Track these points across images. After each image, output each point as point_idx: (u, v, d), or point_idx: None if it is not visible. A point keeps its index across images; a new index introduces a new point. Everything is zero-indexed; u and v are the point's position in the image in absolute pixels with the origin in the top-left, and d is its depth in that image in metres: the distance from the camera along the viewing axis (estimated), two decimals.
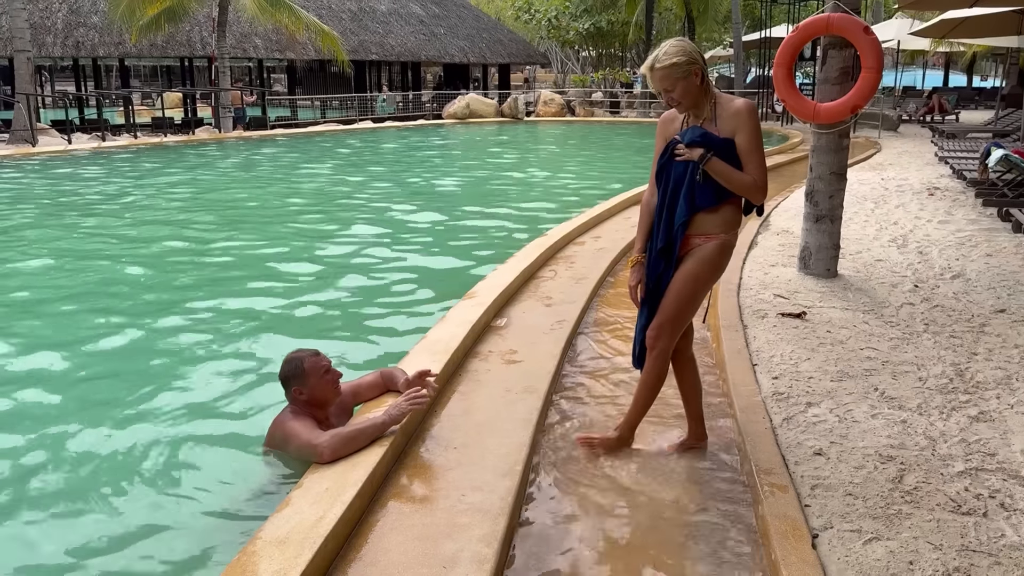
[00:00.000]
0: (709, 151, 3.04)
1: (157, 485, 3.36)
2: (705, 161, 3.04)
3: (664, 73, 3.03)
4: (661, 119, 3.34)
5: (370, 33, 29.01)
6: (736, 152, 3.07)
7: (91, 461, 3.59)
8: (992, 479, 3.06)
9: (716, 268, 3.20)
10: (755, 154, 3.07)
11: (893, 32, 22.32)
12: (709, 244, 3.15)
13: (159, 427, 3.91)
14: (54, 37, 22.05)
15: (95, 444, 3.75)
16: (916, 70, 41.87)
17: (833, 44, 5.90)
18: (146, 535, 3.00)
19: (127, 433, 3.85)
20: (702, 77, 3.06)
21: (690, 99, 3.09)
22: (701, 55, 3.09)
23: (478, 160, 16.83)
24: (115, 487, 3.35)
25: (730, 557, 2.72)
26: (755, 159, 3.07)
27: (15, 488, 3.37)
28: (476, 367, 4.23)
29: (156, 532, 3.02)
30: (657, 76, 3.06)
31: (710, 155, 3.04)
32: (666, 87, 3.06)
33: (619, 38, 35.60)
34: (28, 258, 7.53)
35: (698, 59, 3.05)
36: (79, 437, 3.83)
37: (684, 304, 3.18)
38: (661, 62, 3.03)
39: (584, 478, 3.23)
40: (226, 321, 5.64)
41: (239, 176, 14.05)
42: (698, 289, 3.19)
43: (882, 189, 10.94)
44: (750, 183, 3.07)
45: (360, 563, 2.53)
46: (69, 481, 3.43)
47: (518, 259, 6.33)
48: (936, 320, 5.08)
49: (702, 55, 3.10)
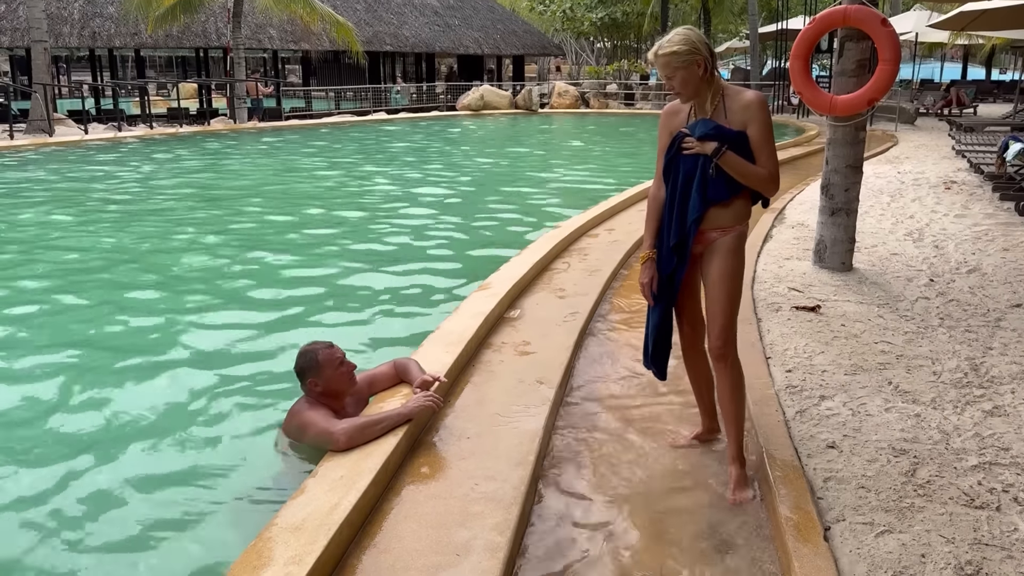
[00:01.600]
0: (724, 145, 2.98)
1: (174, 472, 3.40)
2: (719, 155, 2.98)
3: (664, 61, 2.99)
4: (664, 112, 3.26)
5: (384, 24, 29.02)
6: (748, 145, 3.02)
7: (108, 446, 3.63)
8: (1006, 473, 3.05)
9: (742, 257, 3.17)
10: (767, 146, 3.02)
11: (911, 24, 22.09)
12: (728, 236, 3.11)
13: (176, 416, 3.96)
14: (71, 27, 22.17)
15: (112, 430, 3.80)
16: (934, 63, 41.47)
17: (850, 36, 5.86)
18: (163, 522, 3.04)
19: (144, 420, 3.90)
20: (706, 68, 2.99)
21: (689, 89, 3.02)
22: (708, 46, 3.01)
23: (492, 152, 16.82)
24: (132, 473, 3.39)
25: (743, 549, 2.73)
26: (767, 151, 3.02)
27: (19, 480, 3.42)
28: (490, 358, 4.25)
29: (173, 519, 3.06)
30: (659, 63, 3.01)
31: (725, 149, 2.98)
32: (667, 74, 3.01)
33: (634, 29, 35.46)
34: (49, 244, 7.61)
35: (702, 49, 2.97)
36: (96, 423, 3.88)
37: (734, 303, 3.13)
38: (663, 49, 2.99)
39: (597, 468, 3.25)
40: (237, 311, 5.68)
41: (253, 166, 14.11)
42: (738, 283, 3.15)
43: (898, 183, 10.87)
44: (765, 176, 3.02)
45: (374, 550, 2.56)
46: (86, 465, 3.47)
47: (532, 251, 6.34)
48: (951, 314, 5.05)
49: (709, 46, 3.03)
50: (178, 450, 3.60)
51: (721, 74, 3.16)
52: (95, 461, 3.51)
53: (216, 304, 5.85)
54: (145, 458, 3.52)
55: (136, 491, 3.26)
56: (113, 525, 3.03)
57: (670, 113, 3.22)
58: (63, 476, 3.38)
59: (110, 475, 3.38)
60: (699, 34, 3.03)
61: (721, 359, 3.14)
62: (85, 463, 3.50)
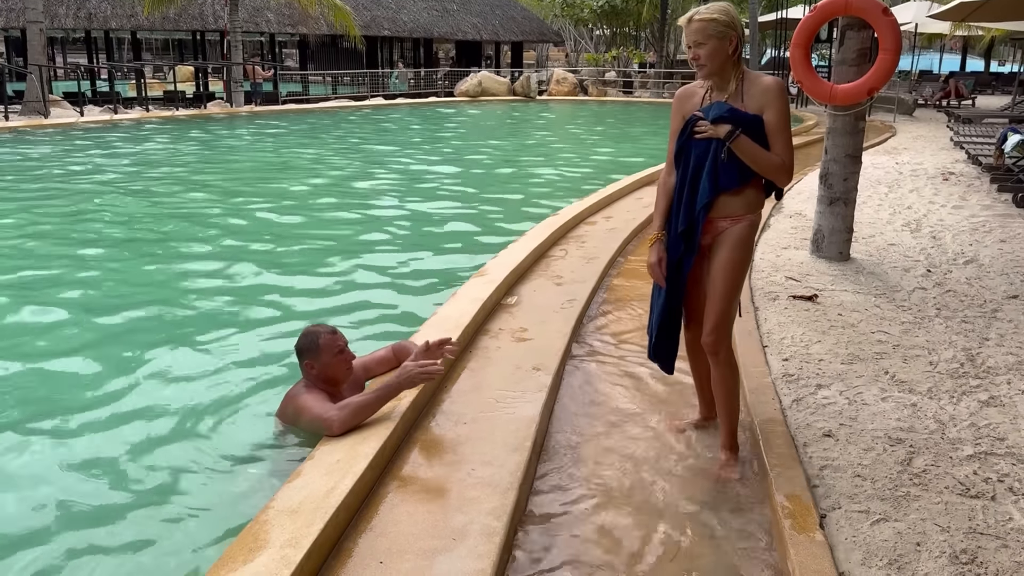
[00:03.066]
0: (737, 128, 2.89)
1: (170, 455, 3.39)
2: (733, 138, 2.89)
3: (699, 26, 2.88)
4: (677, 95, 3.17)
5: (383, 8, 28.87)
6: (763, 131, 2.93)
7: (103, 431, 3.63)
8: (1001, 463, 3.06)
9: (750, 250, 3.08)
10: (783, 133, 2.93)
11: (911, 15, 22.02)
12: (738, 226, 3.02)
13: (172, 399, 3.94)
14: (67, 8, 22.03)
15: (107, 414, 3.79)
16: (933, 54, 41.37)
17: (851, 25, 5.84)
18: (159, 505, 3.04)
19: (140, 404, 3.89)
20: (736, 47, 2.92)
21: (716, 63, 2.91)
22: (742, 28, 2.94)
23: (490, 139, 16.77)
24: (128, 457, 3.38)
25: (739, 535, 2.74)
26: (783, 138, 2.94)
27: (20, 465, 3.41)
28: (486, 344, 4.25)
29: (169, 501, 3.06)
30: (693, 27, 2.90)
31: (738, 132, 2.89)
32: (698, 40, 2.89)
33: (633, 17, 35.29)
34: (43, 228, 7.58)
35: (738, 27, 2.90)
36: (92, 407, 3.87)
37: (733, 295, 3.06)
38: (701, 15, 2.89)
39: (594, 455, 3.25)
40: (235, 296, 5.66)
41: (248, 150, 14.05)
42: (740, 276, 3.07)
43: (896, 173, 10.86)
44: (778, 163, 2.94)
45: (371, 533, 2.56)
46: (81, 451, 3.46)
47: (529, 238, 6.33)
48: (948, 305, 5.06)
49: (743, 28, 2.96)
50: (174, 433, 3.59)
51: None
52: (90, 444, 3.51)
53: (211, 288, 5.82)
54: (142, 441, 3.51)
55: (132, 473, 3.25)
56: (108, 507, 3.02)
57: (683, 96, 3.14)
58: (57, 461, 3.38)
59: (105, 456, 3.37)
60: (736, 13, 2.96)
61: (713, 354, 3.10)
62: (79, 447, 3.49)
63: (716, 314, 3.06)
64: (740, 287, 3.11)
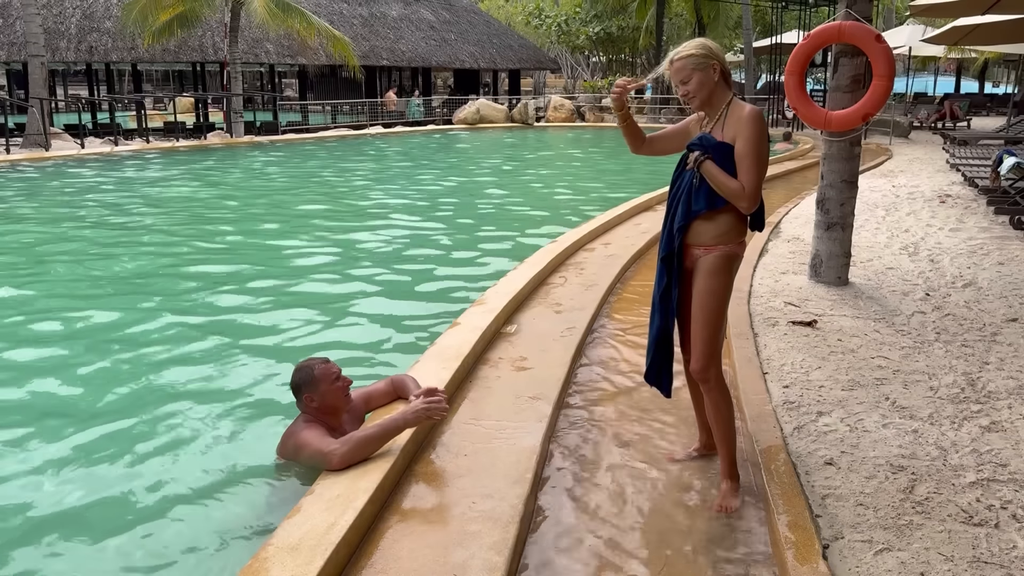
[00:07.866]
0: (705, 153, 3.03)
1: (170, 491, 3.38)
2: (699, 163, 3.03)
3: (680, 64, 3.03)
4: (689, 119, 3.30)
5: (381, 39, 29.12)
6: (732, 157, 3.01)
7: (103, 465, 3.61)
8: (1004, 490, 3.05)
9: (725, 280, 3.12)
10: (748, 159, 2.98)
11: (904, 38, 22.24)
12: (709, 256, 3.09)
13: (172, 433, 3.93)
14: (68, 42, 22.22)
15: (109, 447, 3.78)
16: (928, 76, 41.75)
17: (845, 52, 5.89)
18: (158, 541, 3.02)
19: (141, 439, 3.87)
20: (722, 74, 3.04)
21: (705, 92, 3.04)
22: (722, 56, 3.08)
23: (488, 165, 16.86)
24: (127, 493, 3.37)
25: (740, 567, 2.72)
26: (746, 164, 2.98)
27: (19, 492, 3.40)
28: (486, 374, 4.24)
29: (168, 538, 3.04)
30: (675, 68, 3.05)
31: (705, 156, 3.02)
32: (682, 78, 3.04)
33: (629, 43, 35.64)
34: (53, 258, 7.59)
35: (718, 56, 3.04)
36: (93, 440, 3.85)
37: (714, 323, 3.10)
38: (679, 54, 3.04)
39: (595, 486, 3.24)
40: (229, 328, 5.67)
41: (248, 180, 14.12)
42: (717, 303, 3.11)
43: (893, 196, 10.90)
44: (737, 189, 2.98)
45: (371, 570, 2.55)
46: (80, 484, 3.45)
47: (528, 265, 6.34)
48: (947, 329, 5.06)
49: (723, 57, 3.08)
50: (174, 468, 3.58)
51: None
52: (86, 481, 3.49)
53: (207, 323, 5.82)
54: (140, 480, 3.49)
55: (129, 513, 3.23)
56: (107, 544, 3.00)
57: (692, 123, 3.26)
58: (53, 496, 3.36)
59: (104, 494, 3.36)
60: (716, 45, 3.10)
61: (703, 381, 3.14)
62: (75, 481, 3.48)
63: (700, 342, 3.12)
64: (720, 316, 3.15)
